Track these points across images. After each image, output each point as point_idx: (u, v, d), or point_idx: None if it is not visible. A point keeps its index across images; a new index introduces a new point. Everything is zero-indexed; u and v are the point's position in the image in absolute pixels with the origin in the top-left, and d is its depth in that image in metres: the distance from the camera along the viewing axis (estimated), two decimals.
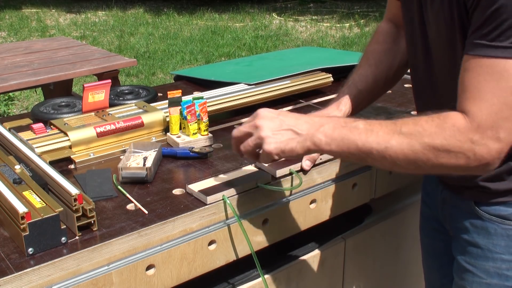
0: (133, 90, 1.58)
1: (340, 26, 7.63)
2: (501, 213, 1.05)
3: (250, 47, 6.62)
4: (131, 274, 0.94)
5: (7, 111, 4.29)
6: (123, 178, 1.11)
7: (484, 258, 1.09)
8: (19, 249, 0.88)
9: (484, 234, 1.08)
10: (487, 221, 1.07)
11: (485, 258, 1.09)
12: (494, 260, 1.08)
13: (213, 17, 8.48)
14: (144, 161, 1.16)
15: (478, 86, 0.88)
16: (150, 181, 1.11)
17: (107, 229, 0.94)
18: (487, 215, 1.07)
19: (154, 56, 6.22)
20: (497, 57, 0.86)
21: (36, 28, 7.83)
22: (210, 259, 1.05)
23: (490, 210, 1.06)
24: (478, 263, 1.10)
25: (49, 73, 2.92)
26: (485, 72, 0.87)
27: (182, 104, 1.27)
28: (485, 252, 1.09)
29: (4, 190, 0.94)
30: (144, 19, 8.42)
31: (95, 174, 1.14)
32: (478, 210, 1.08)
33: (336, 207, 1.27)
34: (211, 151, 1.23)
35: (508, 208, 1.04)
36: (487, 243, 1.08)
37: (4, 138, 1.23)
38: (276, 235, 1.16)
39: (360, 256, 1.45)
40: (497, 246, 1.07)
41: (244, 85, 1.60)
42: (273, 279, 1.24)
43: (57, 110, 1.42)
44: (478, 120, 0.87)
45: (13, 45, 3.67)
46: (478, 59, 0.88)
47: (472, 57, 0.89)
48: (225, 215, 1.05)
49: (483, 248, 1.09)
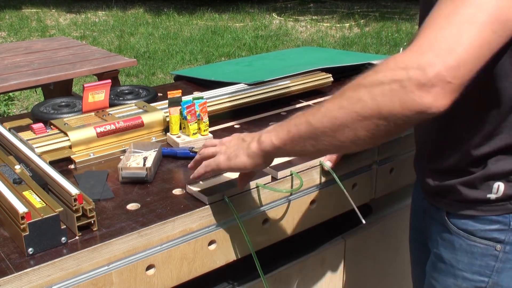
0: (133, 90, 1.58)
1: (340, 26, 7.63)
2: (468, 227, 1.00)
3: (250, 47, 6.62)
4: (131, 274, 0.94)
5: (7, 111, 4.29)
6: (123, 178, 1.11)
7: (446, 274, 1.05)
8: (19, 249, 0.88)
9: (450, 248, 1.03)
10: (454, 234, 1.02)
11: (447, 273, 1.05)
12: (456, 276, 1.03)
13: (213, 17, 8.48)
14: (144, 161, 1.16)
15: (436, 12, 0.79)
16: (150, 181, 1.11)
17: (107, 229, 0.94)
18: (455, 228, 1.02)
19: (154, 56, 6.22)
20: None
21: (36, 28, 7.83)
22: (210, 259, 1.05)
23: (458, 223, 1.01)
24: (441, 278, 1.06)
25: (49, 73, 2.92)
26: None
27: (182, 104, 1.27)
28: (448, 267, 1.04)
29: (4, 190, 0.94)
30: (144, 19, 8.42)
31: (90, 176, 1.14)
32: (448, 222, 1.03)
33: (336, 207, 1.27)
34: None
35: (475, 223, 0.99)
36: (451, 258, 1.03)
37: (4, 138, 1.23)
38: (276, 235, 1.16)
39: (360, 256, 1.45)
40: (460, 263, 1.02)
41: (244, 85, 1.60)
42: (273, 279, 1.24)
43: (57, 110, 1.42)
44: (418, 43, 0.76)
45: (13, 45, 3.67)
46: None
47: None
48: (225, 215, 1.05)
49: (447, 263, 1.04)
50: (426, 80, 0.73)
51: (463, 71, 0.74)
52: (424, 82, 0.73)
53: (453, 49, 0.74)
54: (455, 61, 0.74)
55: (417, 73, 0.74)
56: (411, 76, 0.74)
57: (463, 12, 0.76)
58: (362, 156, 1.28)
